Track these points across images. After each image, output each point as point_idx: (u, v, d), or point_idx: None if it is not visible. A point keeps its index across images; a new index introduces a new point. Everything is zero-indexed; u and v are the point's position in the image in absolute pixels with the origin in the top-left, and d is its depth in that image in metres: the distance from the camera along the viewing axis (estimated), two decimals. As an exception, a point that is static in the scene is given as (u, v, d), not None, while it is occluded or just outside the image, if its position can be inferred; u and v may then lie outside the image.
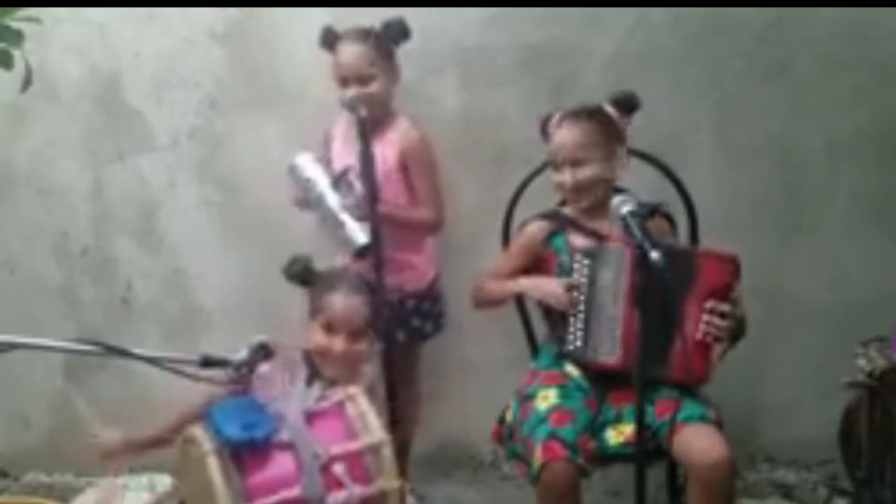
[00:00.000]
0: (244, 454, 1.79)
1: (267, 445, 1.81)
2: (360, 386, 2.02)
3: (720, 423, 2.13)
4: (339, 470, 1.81)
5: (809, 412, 2.77)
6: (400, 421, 2.19)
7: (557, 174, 2.30)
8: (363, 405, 1.90)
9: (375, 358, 2.21)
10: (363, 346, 2.14)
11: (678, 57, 2.70)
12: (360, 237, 2.27)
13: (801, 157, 2.73)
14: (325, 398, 1.93)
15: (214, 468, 1.74)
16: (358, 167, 2.25)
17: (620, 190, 2.24)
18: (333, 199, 2.34)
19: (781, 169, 2.74)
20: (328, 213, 2.34)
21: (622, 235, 2.02)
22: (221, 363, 1.85)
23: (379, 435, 1.85)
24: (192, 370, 1.82)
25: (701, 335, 2.13)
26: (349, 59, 2.53)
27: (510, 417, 2.32)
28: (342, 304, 2.11)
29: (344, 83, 2.52)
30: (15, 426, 3.17)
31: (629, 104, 2.32)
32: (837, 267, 2.76)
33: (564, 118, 2.31)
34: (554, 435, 2.09)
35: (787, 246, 2.77)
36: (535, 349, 2.51)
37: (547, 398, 2.20)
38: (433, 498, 2.87)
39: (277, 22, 2.79)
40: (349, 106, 2.31)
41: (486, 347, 2.87)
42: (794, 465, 2.88)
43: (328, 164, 2.50)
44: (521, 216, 2.48)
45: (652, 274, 1.84)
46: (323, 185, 2.36)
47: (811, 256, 2.77)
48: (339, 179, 2.35)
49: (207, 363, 1.83)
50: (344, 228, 2.31)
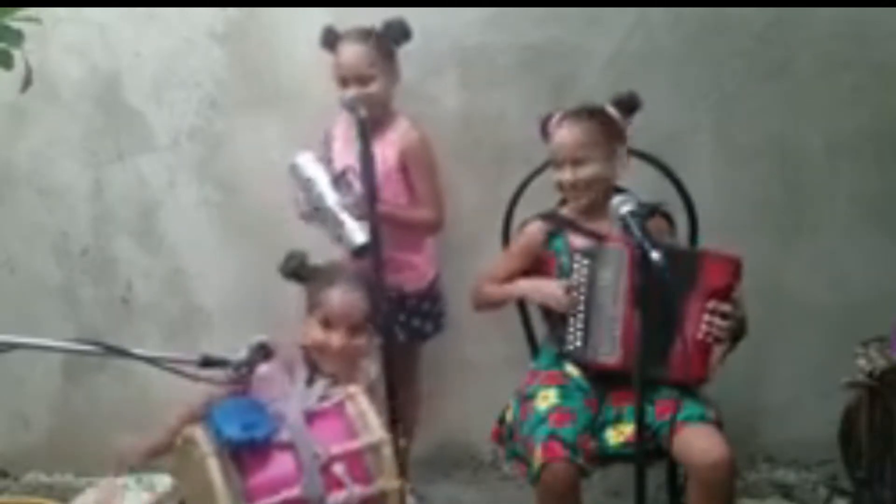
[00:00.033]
0: (244, 454, 1.80)
1: (267, 445, 1.81)
2: (360, 382, 2.03)
3: (720, 423, 2.13)
4: (339, 470, 1.81)
5: (809, 412, 2.77)
6: (400, 421, 2.18)
7: (558, 172, 2.30)
8: (363, 404, 1.90)
9: (375, 353, 2.20)
10: (362, 340, 2.13)
11: (678, 57, 2.70)
12: (358, 237, 2.26)
13: (801, 157, 2.72)
14: (326, 398, 1.93)
15: (215, 469, 1.75)
16: (358, 167, 2.25)
17: (620, 190, 2.24)
18: (333, 198, 2.34)
19: (781, 169, 2.74)
20: (328, 212, 2.34)
21: (622, 235, 2.02)
22: (221, 363, 1.85)
23: (379, 434, 1.85)
24: (191, 370, 1.81)
25: (702, 335, 2.13)
26: (349, 59, 2.53)
27: (510, 417, 2.32)
28: (340, 298, 2.11)
29: (344, 83, 2.52)
30: (15, 426, 3.16)
31: (630, 104, 2.33)
32: (837, 267, 2.76)
33: (565, 117, 2.31)
34: (554, 435, 2.09)
35: (787, 246, 2.77)
36: (535, 349, 2.51)
37: (547, 398, 2.20)
38: (433, 498, 2.87)
39: (277, 22, 2.78)
40: (349, 106, 2.31)
41: (486, 347, 2.87)
42: (794, 465, 2.88)
43: (329, 163, 2.50)
44: (521, 216, 2.48)
45: (652, 274, 1.84)
46: (323, 184, 2.35)
47: (811, 256, 2.77)
48: (338, 179, 2.35)
49: (207, 363, 1.82)
50: (343, 228, 2.31)
